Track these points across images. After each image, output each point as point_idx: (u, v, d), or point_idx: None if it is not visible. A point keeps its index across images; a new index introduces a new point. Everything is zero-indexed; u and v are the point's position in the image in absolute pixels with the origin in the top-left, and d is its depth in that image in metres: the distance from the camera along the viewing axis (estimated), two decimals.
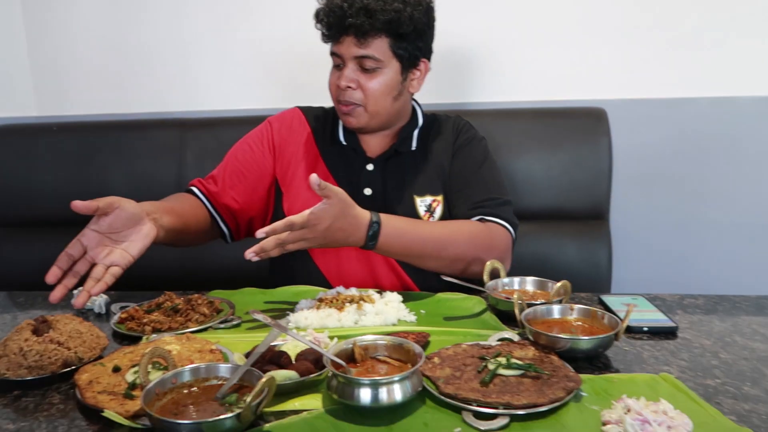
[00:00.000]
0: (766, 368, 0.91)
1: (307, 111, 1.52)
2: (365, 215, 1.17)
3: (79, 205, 1.02)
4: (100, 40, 2.06)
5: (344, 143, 1.44)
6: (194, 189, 1.43)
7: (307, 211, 1.08)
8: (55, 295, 1.02)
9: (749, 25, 1.83)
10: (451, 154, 1.45)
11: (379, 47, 1.31)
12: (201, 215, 1.39)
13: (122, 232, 1.10)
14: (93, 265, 1.07)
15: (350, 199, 1.14)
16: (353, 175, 1.41)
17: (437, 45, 1.45)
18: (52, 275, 1.03)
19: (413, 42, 1.35)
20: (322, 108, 1.54)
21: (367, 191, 1.39)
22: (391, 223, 1.20)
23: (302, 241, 1.10)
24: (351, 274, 1.36)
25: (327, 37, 1.35)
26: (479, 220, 1.33)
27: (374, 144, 1.45)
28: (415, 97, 1.49)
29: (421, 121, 1.48)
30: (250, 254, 1.06)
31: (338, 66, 1.36)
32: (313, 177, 1.04)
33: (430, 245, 1.25)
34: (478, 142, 1.48)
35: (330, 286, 1.29)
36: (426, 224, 1.31)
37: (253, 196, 1.44)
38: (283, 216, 1.37)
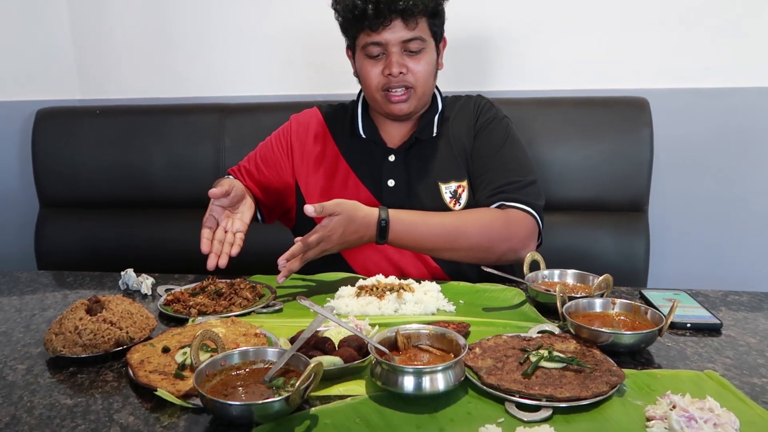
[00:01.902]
0: None
1: (325, 110, 1.52)
2: (373, 213, 1.21)
3: (216, 192, 1.23)
4: (142, 24, 2.09)
5: (363, 136, 1.43)
6: (230, 176, 1.49)
7: (318, 227, 1.16)
8: (212, 263, 1.19)
9: None
10: (473, 137, 1.42)
11: (422, 27, 1.32)
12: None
13: (236, 206, 1.31)
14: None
15: (354, 203, 1.20)
16: (375, 168, 1.41)
17: (475, 31, 1.43)
18: (206, 245, 1.21)
19: (440, 18, 1.36)
20: (341, 104, 1.54)
21: (390, 183, 1.39)
22: (400, 218, 1.23)
23: (322, 252, 1.19)
24: (375, 263, 1.36)
25: (373, 25, 1.29)
26: (499, 206, 1.32)
27: (395, 134, 1.44)
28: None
29: (440, 105, 1.45)
30: (281, 279, 1.17)
31: (377, 56, 1.32)
32: (308, 209, 1.12)
33: (442, 237, 1.27)
34: (498, 121, 1.43)
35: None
36: (438, 216, 1.29)
37: (269, 188, 1.46)
38: (307, 219, 1.39)
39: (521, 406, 0.79)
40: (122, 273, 1.26)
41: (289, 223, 1.53)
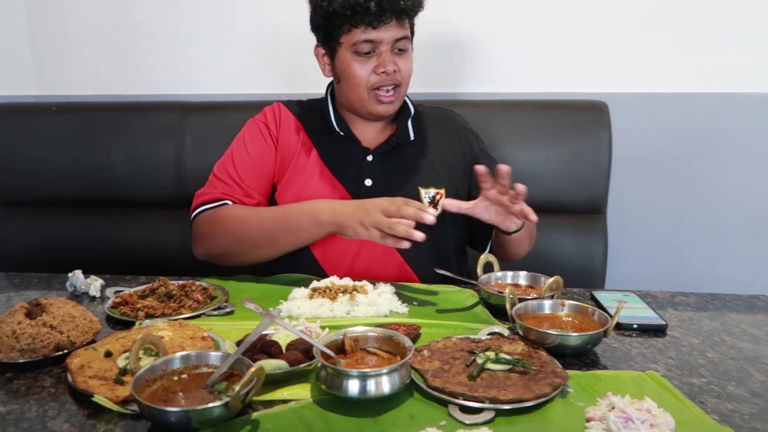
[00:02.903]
0: (752, 368, 0.92)
1: (289, 105, 1.49)
2: None
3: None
4: (102, 20, 2.04)
5: (341, 133, 1.42)
6: (229, 202, 1.35)
7: None
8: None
9: (753, 22, 1.81)
10: (467, 154, 1.48)
11: (408, 27, 1.35)
12: None
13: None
14: None
15: None
16: (352, 166, 1.40)
17: (438, 34, 1.45)
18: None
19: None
20: (300, 101, 1.52)
21: (368, 182, 1.38)
22: None
23: None
24: (347, 267, 1.35)
25: (373, 22, 1.28)
26: None
27: (368, 133, 1.44)
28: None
29: (412, 109, 1.46)
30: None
31: (367, 54, 1.32)
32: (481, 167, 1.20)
33: (530, 232, 1.41)
34: (483, 142, 1.55)
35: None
36: None
37: (268, 192, 1.42)
38: None
39: (465, 409, 0.79)
40: (69, 275, 1.23)
41: None
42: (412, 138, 1.43)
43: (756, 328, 1.07)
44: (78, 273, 1.23)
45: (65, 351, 0.92)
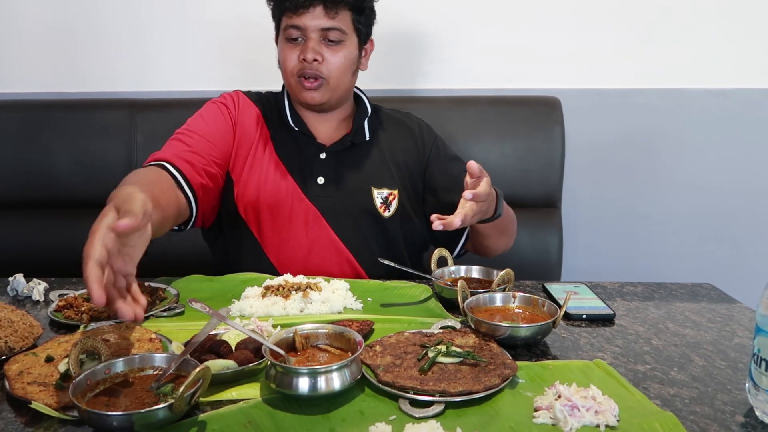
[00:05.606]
0: (693, 354, 0.95)
1: (248, 94, 1.47)
2: None
3: (127, 225, 0.79)
4: (45, 13, 1.96)
5: (296, 129, 1.41)
6: (168, 166, 1.22)
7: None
8: (129, 314, 0.79)
9: (696, 21, 1.88)
10: (422, 157, 1.46)
11: (344, 20, 1.33)
12: (174, 201, 1.19)
13: (130, 235, 0.85)
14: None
15: None
16: (305, 163, 1.39)
17: (394, 29, 1.45)
18: (100, 295, 0.75)
19: (368, 17, 1.38)
20: (259, 92, 1.50)
21: (320, 180, 1.38)
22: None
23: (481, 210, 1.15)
24: (301, 266, 1.34)
25: (291, 8, 1.29)
26: None
27: (322, 129, 1.43)
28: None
29: (369, 109, 1.47)
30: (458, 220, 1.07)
31: (295, 39, 1.33)
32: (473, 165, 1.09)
33: (509, 220, 1.43)
34: (442, 140, 1.52)
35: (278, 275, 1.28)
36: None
37: (216, 177, 1.33)
38: (234, 206, 1.34)
39: (415, 403, 0.79)
40: (10, 279, 1.18)
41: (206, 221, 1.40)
42: (367, 138, 1.43)
43: (698, 315, 1.11)
44: (19, 277, 1.18)
45: (2, 357, 0.88)
